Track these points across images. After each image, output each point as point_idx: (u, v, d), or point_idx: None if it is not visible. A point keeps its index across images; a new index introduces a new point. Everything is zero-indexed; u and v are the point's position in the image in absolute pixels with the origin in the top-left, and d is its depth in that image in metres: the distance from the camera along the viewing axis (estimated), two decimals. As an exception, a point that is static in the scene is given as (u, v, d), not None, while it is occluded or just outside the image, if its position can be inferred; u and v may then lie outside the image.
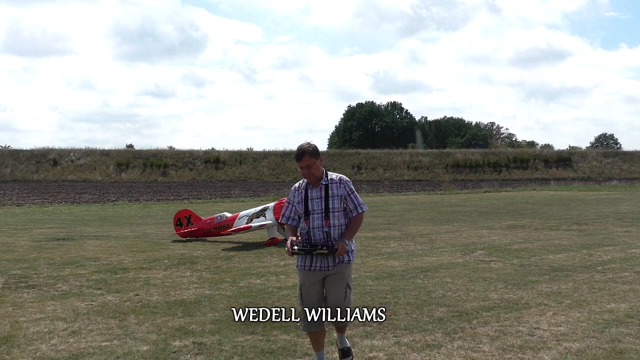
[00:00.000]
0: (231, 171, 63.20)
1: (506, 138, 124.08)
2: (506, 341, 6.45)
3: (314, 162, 5.41)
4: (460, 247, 13.58)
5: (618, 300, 8.30)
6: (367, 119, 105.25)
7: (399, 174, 65.43)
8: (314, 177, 5.45)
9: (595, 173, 66.86)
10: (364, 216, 5.63)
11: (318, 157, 5.46)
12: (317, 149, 5.49)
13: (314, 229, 5.44)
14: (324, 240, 5.40)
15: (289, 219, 5.73)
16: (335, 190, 5.49)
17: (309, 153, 5.40)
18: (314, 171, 5.43)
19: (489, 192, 41.36)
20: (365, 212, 5.58)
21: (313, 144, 5.49)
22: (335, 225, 5.44)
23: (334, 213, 5.43)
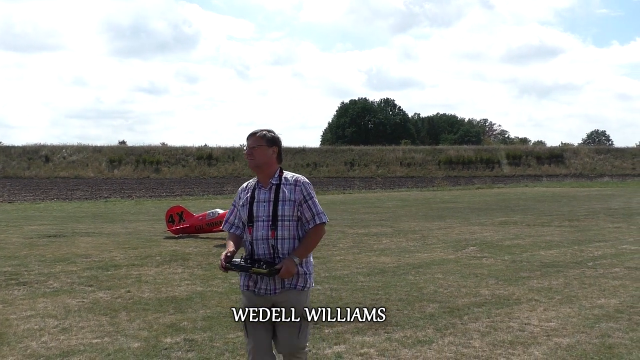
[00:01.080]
0: (224, 168, 63.12)
1: (499, 135, 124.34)
2: (497, 337, 6.47)
3: (261, 146, 4.45)
4: (452, 244, 13.61)
5: (608, 296, 8.34)
6: (360, 116, 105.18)
7: (392, 170, 65.50)
8: (255, 163, 4.47)
9: (587, 169, 67.11)
10: (324, 229, 4.56)
11: (271, 146, 4.49)
12: (274, 137, 4.52)
13: (257, 240, 4.39)
14: (270, 256, 4.38)
15: (232, 225, 4.72)
16: (287, 193, 4.43)
17: (260, 134, 4.48)
18: (258, 156, 4.45)
19: (481, 189, 41.44)
20: (326, 223, 4.54)
21: (274, 133, 4.56)
22: (284, 238, 4.36)
23: (283, 222, 4.36)
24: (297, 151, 68.19)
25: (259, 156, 4.45)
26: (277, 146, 4.55)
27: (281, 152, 4.61)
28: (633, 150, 74.25)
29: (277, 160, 4.57)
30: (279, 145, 4.57)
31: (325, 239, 14.55)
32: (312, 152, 69.02)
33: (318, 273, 10.20)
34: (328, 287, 9.01)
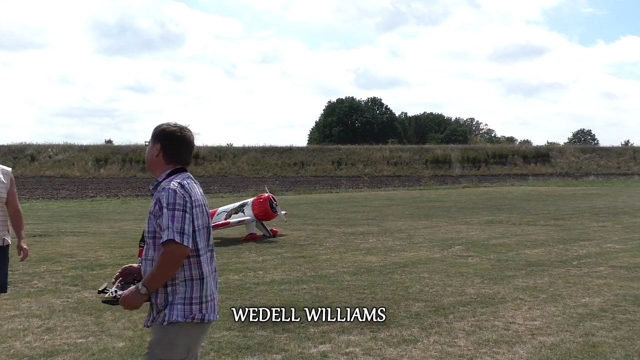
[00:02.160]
0: (211, 167, 63.00)
1: (485, 134, 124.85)
2: (482, 336, 6.50)
3: (148, 143, 3.91)
4: (439, 243, 13.64)
5: (592, 295, 8.40)
6: (347, 115, 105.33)
7: (379, 169, 65.59)
8: (147, 164, 3.94)
9: (573, 169, 67.47)
10: (175, 250, 3.47)
11: (155, 142, 3.82)
12: (157, 132, 3.83)
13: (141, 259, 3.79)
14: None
15: None
16: (152, 203, 3.68)
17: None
18: (146, 155, 3.92)
19: (468, 188, 41.59)
20: (178, 242, 3.45)
21: (165, 125, 3.85)
22: (146, 259, 3.66)
23: (148, 239, 3.68)
24: (284, 150, 68.16)
25: (146, 155, 3.94)
26: (161, 142, 3.79)
27: (174, 151, 3.80)
28: (618, 150, 74.66)
29: (164, 161, 3.79)
30: (163, 142, 3.78)
31: (312, 237, 14.55)
32: (299, 151, 69.00)
33: (304, 272, 10.21)
34: (314, 286, 9.01)
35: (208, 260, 3.72)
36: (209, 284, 3.68)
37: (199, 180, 3.96)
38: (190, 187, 3.68)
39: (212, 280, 3.74)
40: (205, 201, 3.82)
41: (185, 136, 3.84)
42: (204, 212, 3.75)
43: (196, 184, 3.80)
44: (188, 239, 3.51)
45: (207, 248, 3.73)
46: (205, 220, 3.74)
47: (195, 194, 3.69)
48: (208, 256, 3.73)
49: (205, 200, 3.82)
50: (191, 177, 3.80)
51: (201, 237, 3.66)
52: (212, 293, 3.71)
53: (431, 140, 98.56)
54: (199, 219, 3.66)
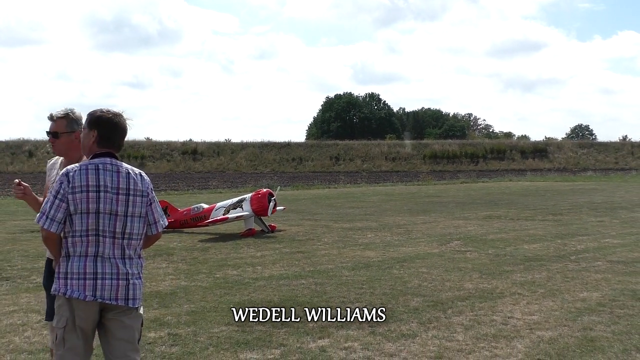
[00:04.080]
0: (209, 162, 62.92)
1: (483, 129, 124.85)
2: (480, 330, 6.51)
3: (83, 131, 4.15)
4: (437, 238, 13.66)
5: (590, 289, 8.41)
6: (345, 110, 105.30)
7: (377, 165, 65.55)
8: (82, 150, 4.23)
9: (571, 164, 67.47)
10: (42, 231, 3.90)
11: (91, 129, 4.04)
12: (93, 118, 4.04)
13: None
14: None
15: None
16: None
17: None
18: (82, 142, 4.20)
19: (466, 183, 41.61)
20: (40, 225, 3.86)
21: (100, 112, 4.05)
22: None
23: None
24: (282, 146, 68.10)
25: (81, 142, 4.18)
26: (97, 129, 4.02)
27: (109, 137, 4.06)
28: (616, 145, 74.71)
29: (98, 147, 4.05)
30: (100, 129, 4.02)
31: (310, 233, 14.57)
32: (297, 147, 68.94)
33: (303, 267, 10.22)
34: (312, 282, 9.02)
35: (86, 243, 3.85)
36: (76, 263, 3.85)
37: (197, 176, 3.99)
38: (79, 174, 3.85)
39: (92, 263, 3.85)
40: (117, 186, 3.92)
41: (120, 122, 4.07)
42: (97, 198, 3.85)
43: (106, 170, 3.93)
44: (46, 221, 3.82)
45: (92, 232, 3.85)
46: (98, 206, 3.85)
47: (81, 180, 3.84)
48: (92, 240, 3.85)
49: (116, 185, 3.92)
50: (105, 163, 3.95)
51: (82, 220, 3.83)
52: (79, 272, 3.84)
53: (429, 135, 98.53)
54: (80, 203, 3.82)
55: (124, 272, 3.91)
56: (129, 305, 3.93)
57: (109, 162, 3.98)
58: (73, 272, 3.86)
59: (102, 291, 3.85)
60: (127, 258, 3.95)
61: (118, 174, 3.96)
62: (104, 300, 3.85)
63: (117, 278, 3.88)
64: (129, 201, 3.95)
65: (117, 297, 3.88)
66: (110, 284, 3.86)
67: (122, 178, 3.96)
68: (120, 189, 3.92)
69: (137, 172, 4.10)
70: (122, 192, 3.93)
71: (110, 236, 3.88)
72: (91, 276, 3.84)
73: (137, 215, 3.99)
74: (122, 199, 3.92)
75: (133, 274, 3.96)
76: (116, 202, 3.90)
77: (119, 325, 3.95)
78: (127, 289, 3.91)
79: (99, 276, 3.85)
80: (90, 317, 3.90)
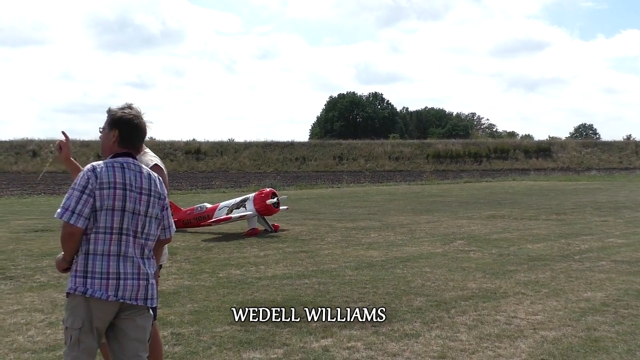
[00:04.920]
0: (212, 162, 62.93)
1: (487, 128, 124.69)
2: (483, 330, 6.50)
3: (103, 130, 4.17)
4: (440, 237, 13.64)
5: (594, 289, 8.39)
6: (349, 110, 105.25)
7: (380, 164, 65.49)
8: (102, 150, 4.23)
9: (575, 163, 67.35)
10: (63, 227, 3.86)
11: (112, 129, 4.08)
12: (115, 118, 4.08)
13: None
14: None
15: None
16: None
17: None
18: (102, 142, 4.20)
19: (469, 183, 41.56)
20: (63, 220, 3.81)
21: (122, 112, 4.08)
22: None
23: None
24: (285, 145, 68.08)
25: (101, 142, 4.16)
26: (119, 130, 4.03)
27: (130, 138, 4.07)
28: (620, 144, 74.52)
29: (119, 147, 4.05)
30: (121, 129, 4.04)
31: (314, 232, 14.58)
32: (300, 147, 68.93)
33: (306, 267, 10.21)
34: (316, 281, 9.02)
35: (109, 241, 3.83)
36: (98, 261, 3.80)
37: (200, 175, 4.02)
38: (106, 170, 3.86)
39: (115, 262, 3.82)
40: (140, 186, 3.94)
41: (141, 124, 4.09)
42: (124, 196, 3.86)
43: (130, 170, 3.94)
44: (72, 217, 3.76)
45: (116, 230, 3.84)
46: (124, 204, 3.86)
47: (109, 176, 3.84)
48: (115, 238, 3.84)
49: (139, 185, 3.93)
50: (128, 162, 3.96)
51: (107, 217, 3.82)
52: (102, 271, 3.80)
53: (432, 135, 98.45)
54: (107, 200, 3.81)
55: (145, 272, 3.91)
56: (148, 305, 3.94)
57: (131, 161, 4.00)
58: (95, 270, 3.81)
59: (124, 291, 3.82)
60: (146, 258, 3.97)
61: (141, 174, 3.98)
62: (125, 300, 3.83)
63: (139, 278, 3.88)
64: (150, 202, 3.97)
65: (137, 297, 3.88)
66: (132, 284, 3.85)
67: (144, 178, 3.98)
68: (143, 188, 3.95)
69: (156, 176, 4.12)
70: (145, 192, 3.95)
71: (132, 235, 3.89)
72: (114, 276, 3.81)
73: (154, 216, 4.01)
74: (145, 199, 3.94)
75: (150, 274, 3.97)
76: (139, 201, 3.92)
77: (132, 325, 3.93)
78: (146, 289, 3.92)
79: (121, 276, 3.83)
80: (108, 318, 3.88)
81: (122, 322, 3.92)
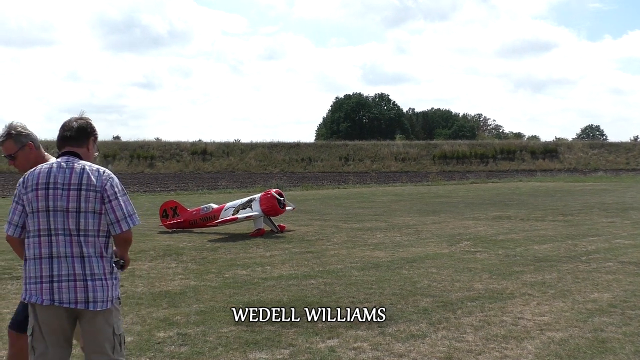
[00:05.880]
0: (218, 163, 63.03)
1: (493, 129, 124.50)
2: (490, 331, 6.48)
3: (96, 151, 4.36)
4: (446, 238, 13.61)
5: (601, 290, 8.36)
6: (355, 111, 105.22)
7: (386, 165, 65.49)
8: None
9: (581, 164, 67.18)
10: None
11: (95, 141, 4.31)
12: (94, 129, 4.29)
13: None
14: None
15: None
16: None
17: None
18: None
19: (475, 184, 41.49)
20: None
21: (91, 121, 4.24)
22: None
23: None
24: (291, 146, 68.14)
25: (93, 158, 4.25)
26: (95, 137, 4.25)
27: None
28: (627, 145, 74.29)
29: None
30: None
31: (320, 233, 14.57)
32: (306, 147, 68.97)
33: (312, 267, 10.21)
34: (322, 282, 9.01)
35: (38, 244, 3.78)
36: (32, 266, 3.79)
37: (206, 176, 4.00)
38: (31, 174, 3.89)
39: (48, 265, 3.76)
40: (69, 182, 3.84)
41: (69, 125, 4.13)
42: (46, 195, 3.80)
43: (60, 168, 3.87)
44: (9, 228, 3.88)
45: (44, 232, 3.78)
46: (48, 203, 3.79)
47: (33, 179, 3.84)
48: (44, 240, 3.78)
49: (67, 181, 3.84)
50: (59, 161, 3.93)
51: (34, 219, 3.81)
52: (36, 276, 3.77)
53: (439, 136, 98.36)
54: (32, 202, 3.80)
55: (81, 272, 3.76)
56: (89, 308, 3.77)
57: (65, 159, 3.95)
58: (30, 276, 3.79)
59: (59, 294, 3.72)
60: (86, 257, 3.80)
61: (72, 170, 3.87)
62: (62, 304, 3.72)
63: (74, 279, 3.75)
64: (81, 196, 3.81)
65: (77, 301, 3.75)
66: (68, 286, 3.73)
67: (74, 174, 3.85)
68: (71, 184, 3.82)
69: (95, 168, 3.95)
70: (74, 187, 3.81)
71: (65, 234, 3.77)
72: (47, 279, 3.73)
73: (91, 211, 3.83)
74: (74, 195, 3.80)
75: (93, 274, 3.79)
76: (67, 198, 3.79)
77: (89, 331, 3.85)
78: (85, 291, 3.76)
79: (55, 279, 3.73)
80: (55, 323, 3.77)
81: (82, 328, 3.88)
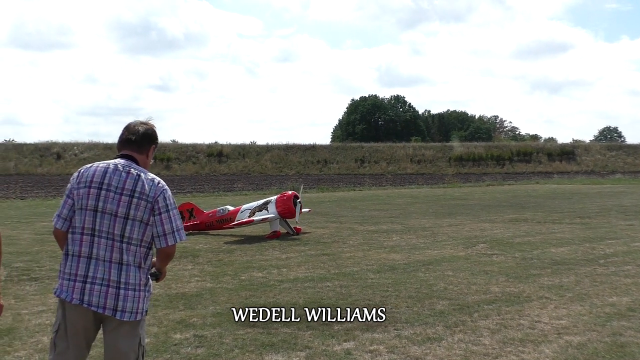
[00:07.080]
0: (234, 165, 63.15)
1: (509, 131, 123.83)
2: (507, 334, 6.44)
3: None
4: (463, 241, 13.56)
5: (620, 294, 8.29)
6: (371, 113, 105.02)
7: (402, 167, 65.31)
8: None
9: (599, 166, 66.65)
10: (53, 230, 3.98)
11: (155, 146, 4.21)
12: (155, 135, 4.18)
13: None
14: None
15: None
16: None
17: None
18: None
19: (492, 186, 41.30)
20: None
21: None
22: None
23: None
24: (307, 148, 68.15)
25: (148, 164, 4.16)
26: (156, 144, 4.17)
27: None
28: (645, 147, 73.64)
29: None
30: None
31: (335, 235, 14.57)
32: (322, 149, 68.95)
33: (328, 270, 10.20)
34: (338, 284, 9.00)
35: (79, 241, 3.76)
36: (69, 262, 3.77)
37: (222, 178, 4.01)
38: (87, 170, 3.89)
39: (85, 264, 3.74)
40: (122, 187, 3.81)
41: (134, 128, 4.08)
42: (98, 195, 3.78)
43: (117, 170, 3.85)
44: (54, 218, 3.87)
45: (88, 231, 3.76)
46: (97, 203, 3.77)
47: (88, 176, 3.84)
48: (86, 239, 3.76)
49: (121, 185, 3.81)
50: (117, 163, 3.90)
51: (80, 216, 3.78)
52: (71, 272, 3.75)
53: (454, 138, 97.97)
54: (82, 199, 3.79)
55: (115, 279, 3.71)
56: (116, 317, 3.70)
57: (123, 162, 3.90)
58: (65, 271, 3.77)
59: (90, 296, 3.68)
60: (125, 264, 3.75)
61: (127, 175, 3.83)
62: (91, 306, 3.66)
63: (107, 285, 3.69)
64: (132, 203, 3.76)
65: (105, 306, 3.68)
66: (100, 290, 3.68)
67: (130, 179, 3.81)
68: (124, 189, 3.78)
69: (151, 178, 3.89)
70: (126, 193, 3.77)
71: (108, 237, 3.73)
72: (81, 279, 3.70)
73: (138, 219, 3.79)
74: (125, 200, 3.76)
75: (128, 283, 3.73)
76: (118, 202, 3.75)
77: (112, 338, 3.77)
78: (116, 299, 3.70)
79: (88, 280, 3.69)
80: (80, 323, 3.73)
81: (105, 337, 3.80)
